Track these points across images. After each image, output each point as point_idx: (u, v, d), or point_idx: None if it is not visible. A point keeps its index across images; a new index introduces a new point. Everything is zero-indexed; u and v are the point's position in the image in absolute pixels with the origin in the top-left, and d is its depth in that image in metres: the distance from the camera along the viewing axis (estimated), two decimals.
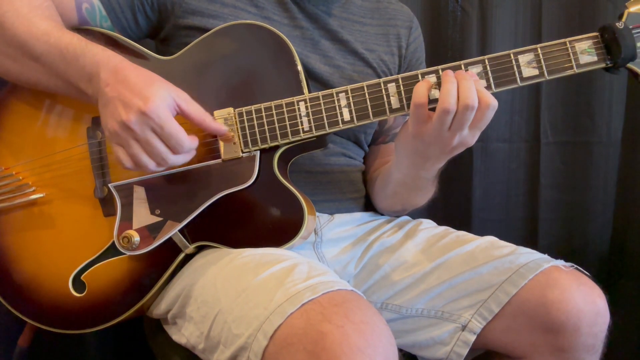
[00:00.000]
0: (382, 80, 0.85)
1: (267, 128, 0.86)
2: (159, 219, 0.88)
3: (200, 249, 0.91)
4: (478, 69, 0.83)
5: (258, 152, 0.87)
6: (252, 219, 0.88)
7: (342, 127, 0.86)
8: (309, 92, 0.87)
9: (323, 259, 0.99)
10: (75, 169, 0.93)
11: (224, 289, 0.78)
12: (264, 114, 0.86)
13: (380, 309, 0.96)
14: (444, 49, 1.46)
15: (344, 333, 0.65)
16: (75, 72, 0.82)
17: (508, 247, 0.95)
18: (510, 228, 1.53)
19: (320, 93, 0.86)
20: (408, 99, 0.84)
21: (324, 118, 0.86)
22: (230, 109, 0.87)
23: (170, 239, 0.88)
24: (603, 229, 1.52)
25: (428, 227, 1.05)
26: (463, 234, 1.01)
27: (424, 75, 0.83)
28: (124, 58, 0.82)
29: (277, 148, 0.87)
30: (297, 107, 0.86)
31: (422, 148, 0.85)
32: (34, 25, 0.84)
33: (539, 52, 0.83)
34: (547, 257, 0.92)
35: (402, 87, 0.84)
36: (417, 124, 0.82)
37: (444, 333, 0.92)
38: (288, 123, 0.86)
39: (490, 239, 0.98)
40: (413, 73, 0.84)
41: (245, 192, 0.86)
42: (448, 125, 0.80)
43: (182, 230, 0.88)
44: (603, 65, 0.83)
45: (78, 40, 0.83)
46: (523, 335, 0.88)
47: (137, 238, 0.87)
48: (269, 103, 0.86)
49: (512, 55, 0.83)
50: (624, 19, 0.82)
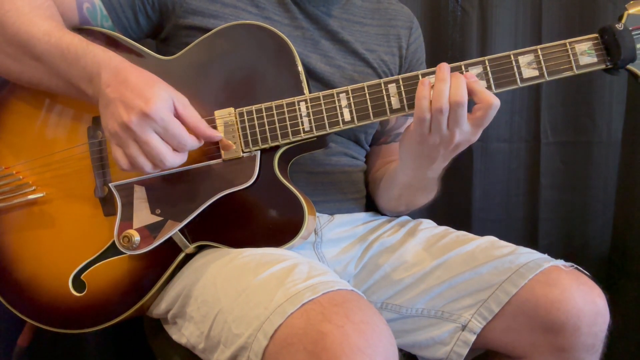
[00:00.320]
0: (382, 81, 0.85)
1: (267, 128, 0.86)
2: (160, 219, 0.88)
3: (201, 249, 0.91)
4: (478, 70, 0.83)
5: (258, 152, 0.87)
6: (252, 219, 0.88)
7: (342, 127, 0.86)
8: (310, 92, 0.87)
9: (323, 259, 0.99)
10: (76, 169, 0.93)
11: (224, 289, 0.78)
12: (265, 114, 0.86)
13: (380, 309, 0.96)
14: (444, 49, 1.46)
15: (344, 333, 0.65)
16: (76, 72, 0.82)
17: (508, 247, 0.95)
18: (510, 228, 1.52)
19: (321, 93, 0.86)
20: (408, 100, 0.84)
21: (325, 118, 0.86)
22: (231, 109, 0.87)
23: (171, 239, 0.88)
24: (603, 229, 1.52)
25: (428, 227, 1.05)
26: (463, 234, 1.01)
27: (425, 76, 0.84)
28: (125, 59, 0.82)
29: (277, 148, 0.87)
30: (297, 107, 0.86)
31: (427, 151, 0.86)
32: (35, 25, 0.84)
33: (539, 53, 0.83)
34: (547, 257, 0.92)
35: (402, 87, 0.84)
36: (421, 133, 0.83)
37: (444, 333, 0.92)
38: (289, 123, 0.86)
39: (490, 239, 0.98)
40: (414, 74, 0.84)
41: (246, 192, 0.86)
42: (445, 124, 0.81)
43: (182, 230, 0.88)
44: (603, 67, 0.83)
45: (79, 41, 0.83)
46: (523, 335, 0.88)
47: (137, 237, 0.87)
48: (270, 103, 0.86)
49: (512, 56, 0.83)
50: (624, 21, 0.82)
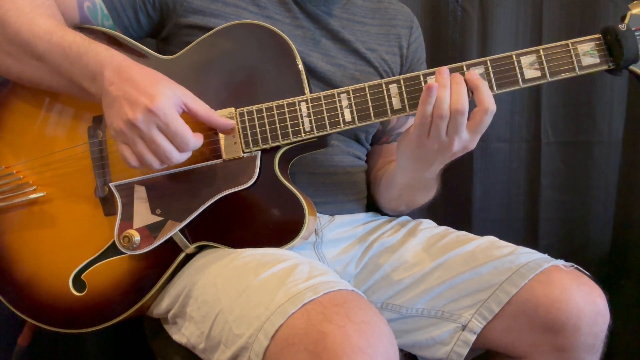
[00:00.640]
0: (383, 81, 0.85)
1: (268, 128, 0.86)
2: (160, 219, 0.88)
3: (201, 249, 0.90)
4: (480, 70, 0.83)
5: (259, 152, 0.87)
6: (252, 219, 0.88)
7: (343, 127, 0.86)
8: (311, 92, 0.87)
9: (323, 260, 0.99)
10: (76, 168, 0.93)
11: (225, 289, 0.78)
12: (265, 114, 0.86)
13: (381, 309, 0.97)
14: (444, 49, 1.46)
15: (345, 333, 0.65)
16: (79, 70, 0.82)
17: (508, 247, 0.95)
18: (510, 228, 1.52)
19: (322, 93, 0.86)
20: (409, 100, 0.84)
21: (325, 118, 0.86)
22: (232, 109, 0.87)
23: (171, 239, 0.88)
24: (603, 229, 1.52)
25: (428, 227, 1.05)
26: (463, 234, 1.01)
27: (426, 76, 0.84)
28: (127, 57, 0.82)
29: (278, 148, 0.87)
30: (298, 107, 0.86)
31: (425, 156, 0.87)
32: (36, 24, 0.84)
33: (541, 53, 0.82)
34: (547, 257, 0.92)
35: (403, 88, 0.84)
36: (420, 137, 0.84)
37: (444, 333, 0.92)
38: (289, 123, 0.86)
39: (491, 239, 0.98)
40: (415, 74, 0.84)
41: (246, 192, 0.86)
42: (445, 131, 0.81)
43: (182, 230, 0.88)
44: (605, 67, 0.83)
45: (81, 39, 0.83)
46: (523, 335, 0.88)
47: (137, 237, 0.87)
48: (270, 103, 0.86)
49: (514, 57, 0.83)
50: (627, 21, 0.82)
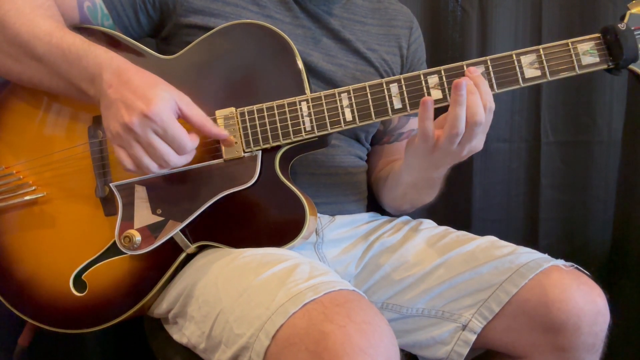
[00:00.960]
0: (384, 81, 0.85)
1: (268, 128, 0.86)
2: (161, 219, 0.88)
3: (202, 249, 0.90)
4: (480, 70, 0.83)
5: (260, 151, 0.87)
6: (253, 219, 0.88)
7: (344, 127, 0.86)
8: (311, 91, 0.87)
9: (324, 260, 0.99)
10: (76, 168, 0.93)
11: (226, 289, 0.78)
12: (266, 114, 0.86)
13: (381, 309, 0.97)
14: (444, 49, 1.46)
15: (346, 333, 0.65)
16: (78, 72, 0.82)
17: (508, 246, 0.96)
18: (510, 228, 1.52)
19: (323, 93, 0.86)
20: (410, 100, 0.84)
21: (326, 118, 0.86)
22: (232, 109, 0.87)
23: (172, 239, 0.88)
24: (603, 229, 1.51)
25: (428, 227, 1.05)
26: (463, 234, 1.02)
27: (426, 76, 0.84)
28: (127, 60, 0.82)
29: (278, 148, 0.87)
30: (299, 107, 0.86)
31: (433, 161, 0.87)
32: (36, 25, 0.84)
33: (541, 53, 0.83)
34: (547, 256, 0.92)
35: (404, 87, 0.84)
36: (425, 148, 0.84)
37: (445, 333, 0.92)
38: (290, 123, 0.86)
39: (491, 239, 0.98)
40: (415, 74, 0.84)
41: (247, 192, 0.86)
42: (458, 143, 0.82)
43: (183, 230, 0.88)
44: (605, 67, 0.83)
45: (80, 41, 0.83)
46: (523, 335, 0.88)
47: (138, 237, 0.87)
48: (271, 103, 0.86)
49: (514, 56, 0.83)
50: (626, 20, 0.82)
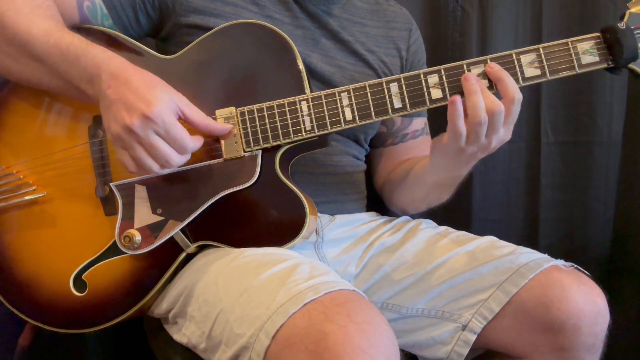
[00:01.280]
0: (384, 80, 0.85)
1: (269, 127, 0.86)
2: (161, 218, 0.88)
3: (202, 249, 0.90)
4: (480, 69, 0.83)
5: (260, 151, 0.87)
6: (253, 219, 0.88)
7: (344, 126, 0.86)
8: (311, 91, 0.87)
9: (324, 259, 0.99)
10: (76, 168, 0.93)
11: (226, 289, 0.78)
12: (266, 113, 0.86)
13: (381, 309, 0.96)
14: (444, 49, 1.45)
15: (346, 333, 0.65)
16: (76, 72, 0.82)
17: (508, 247, 0.96)
18: (510, 228, 1.52)
19: (322, 92, 0.86)
20: (410, 99, 0.84)
21: (326, 117, 0.86)
22: (232, 108, 0.87)
23: (172, 238, 0.88)
24: (603, 229, 1.51)
25: (428, 227, 1.06)
26: (463, 234, 1.02)
27: (426, 75, 0.84)
28: (125, 59, 0.82)
29: (278, 147, 0.87)
30: (299, 106, 0.86)
31: (464, 159, 0.87)
32: (35, 25, 0.84)
33: (541, 52, 0.83)
34: (547, 256, 0.92)
35: (404, 86, 0.84)
36: (456, 147, 0.84)
37: (445, 333, 0.92)
38: (290, 122, 0.86)
39: (491, 239, 0.98)
40: (415, 73, 0.84)
41: (247, 191, 0.86)
42: (484, 134, 0.82)
43: (183, 230, 0.88)
44: (605, 66, 0.83)
45: (79, 41, 0.83)
46: (523, 335, 0.88)
47: (138, 237, 0.87)
48: (271, 102, 0.86)
49: (514, 55, 0.83)
50: (626, 20, 0.82)
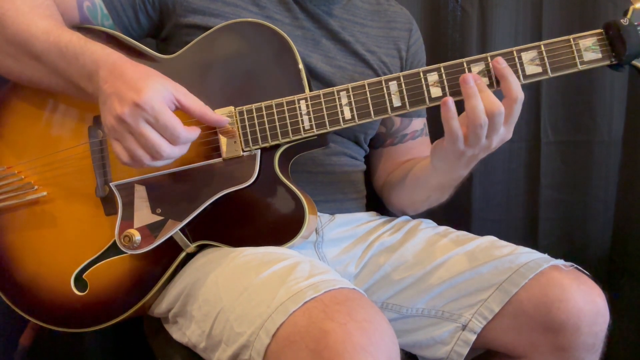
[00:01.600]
0: (383, 79, 0.85)
1: (267, 127, 0.86)
2: (160, 218, 0.88)
3: (202, 248, 0.90)
4: (480, 67, 0.83)
5: (259, 150, 0.87)
6: (253, 218, 0.87)
7: (343, 125, 0.85)
8: (310, 90, 0.87)
9: (324, 259, 0.99)
10: (77, 168, 0.93)
11: (226, 288, 0.78)
12: (265, 113, 0.86)
13: (381, 309, 0.96)
14: (444, 49, 1.46)
15: (347, 331, 0.65)
16: (75, 70, 0.82)
17: (508, 246, 0.96)
18: (510, 228, 1.52)
19: (321, 91, 0.86)
20: (409, 97, 0.84)
21: (325, 116, 0.85)
22: (231, 108, 0.87)
23: (172, 238, 0.88)
24: (604, 229, 1.51)
25: (428, 227, 1.06)
26: (463, 234, 1.02)
27: (426, 73, 0.84)
28: (123, 55, 0.81)
29: (278, 147, 0.87)
30: (297, 105, 0.86)
31: (465, 160, 0.87)
32: (34, 24, 0.84)
33: (542, 49, 0.82)
34: (547, 256, 0.92)
35: (403, 85, 0.84)
36: (455, 149, 0.84)
37: (445, 332, 0.92)
38: (289, 121, 0.86)
39: (491, 239, 0.98)
40: (414, 71, 0.84)
41: (246, 190, 0.86)
42: (485, 136, 0.81)
43: (183, 229, 0.88)
44: (607, 63, 0.82)
45: (77, 39, 0.83)
46: (523, 335, 0.88)
47: (138, 237, 0.87)
48: (270, 101, 0.86)
49: (515, 53, 0.83)
50: (629, 16, 0.81)
